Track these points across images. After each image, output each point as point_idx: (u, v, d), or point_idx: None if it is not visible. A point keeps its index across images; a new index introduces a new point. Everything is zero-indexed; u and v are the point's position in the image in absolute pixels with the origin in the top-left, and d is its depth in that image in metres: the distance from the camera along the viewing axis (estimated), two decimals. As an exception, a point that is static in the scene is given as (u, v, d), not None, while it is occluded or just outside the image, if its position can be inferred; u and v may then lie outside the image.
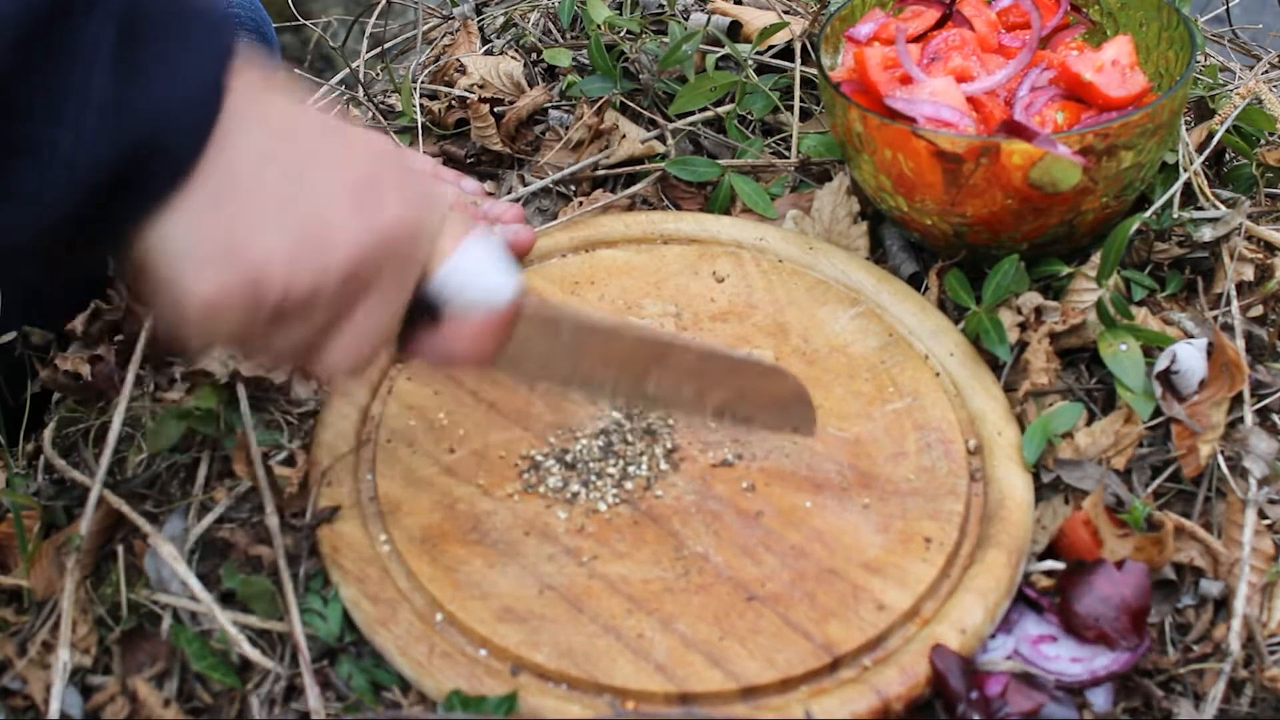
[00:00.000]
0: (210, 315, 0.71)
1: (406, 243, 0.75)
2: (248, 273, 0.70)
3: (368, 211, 0.72)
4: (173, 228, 0.69)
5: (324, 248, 0.71)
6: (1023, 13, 1.12)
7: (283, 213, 0.70)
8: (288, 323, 0.73)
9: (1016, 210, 0.97)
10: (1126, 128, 0.93)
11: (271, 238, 0.70)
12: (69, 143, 0.64)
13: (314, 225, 0.71)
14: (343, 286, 0.73)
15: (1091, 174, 0.94)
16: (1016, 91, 1.04)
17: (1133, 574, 0.84)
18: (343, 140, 0.75)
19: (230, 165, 0.69)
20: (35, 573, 0.87)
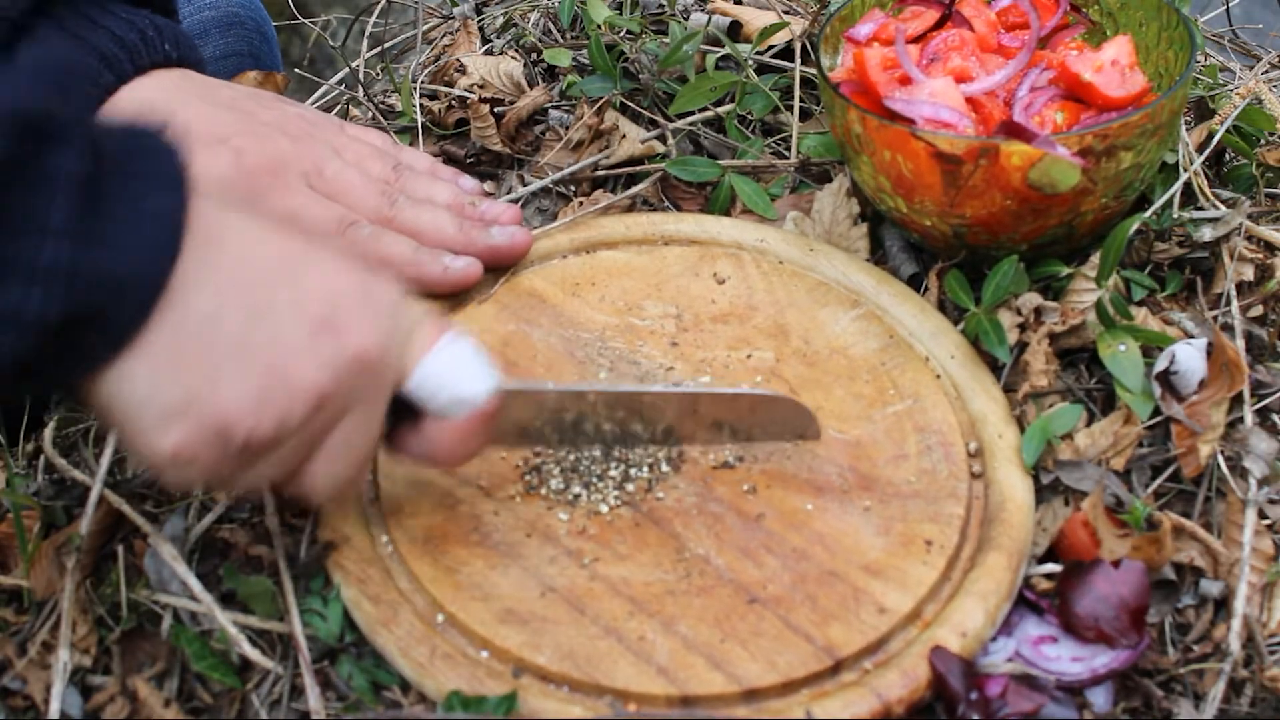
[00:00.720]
0: (179, 464, 0.72)
1: (372, 369, 0.76)
2: (211, 422, 0.71)
3: (328, 347, 0.73)
4: (130, 377, 0.69)
5: (286, 390, 0.72)
6: (1022, 13, 1.11)
7: (241, 359, 0.71)
8: (259, 460, 0.74)
9: (1016, 211, 0.97)
10: (1126, 128, 0.93)
11: (232, 385, 0.71)
12: (16, 301, 0.64)
13: (274, 369, 0.72)
14: (310, 421, 0.73)
15: (1090, 175, 0.94)
16: (1016, 92, 1.04)
17: (1130, 572, 0.84)
18: (301, 273, 0.75)
19: (185, 315, 0.70)
20: (35, 573, 0.87)
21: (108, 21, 0.98)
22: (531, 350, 0.99)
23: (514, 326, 1.01)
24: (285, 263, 0.75)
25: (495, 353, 0.98)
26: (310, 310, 0.73)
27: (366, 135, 1.07)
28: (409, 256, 0.99)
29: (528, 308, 1.02)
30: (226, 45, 1.26)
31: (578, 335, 1.00)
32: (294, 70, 1.35)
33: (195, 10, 1.23)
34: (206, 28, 1.24)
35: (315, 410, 0.73)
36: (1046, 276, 1.01)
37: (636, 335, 1.00)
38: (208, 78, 1.04)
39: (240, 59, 1.27)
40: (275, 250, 0.75)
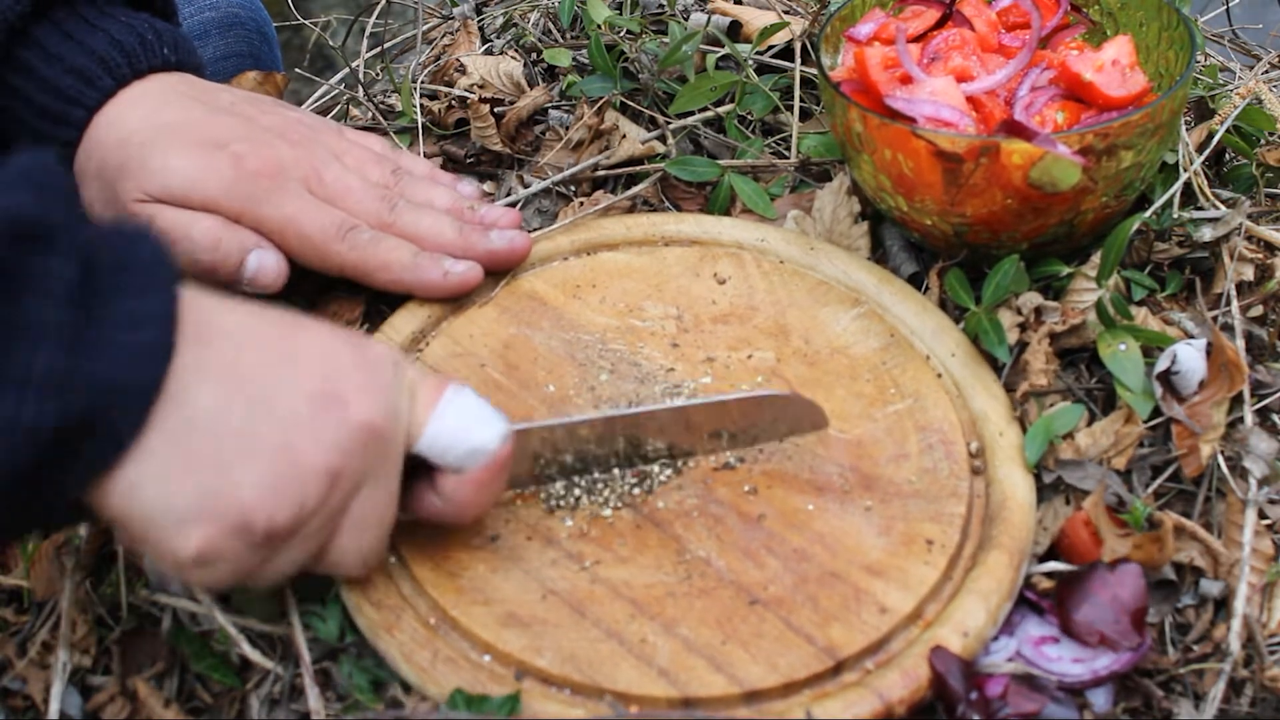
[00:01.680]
0: (205, 565, 0.71)
1: (380, 437, 0.76)
2: (231, 518, 0.70)
3: (332, 424, 0.73)
4: (138, 483, 0.69)
5: (298, 473, 0.72)
6: (1023, 13, 1.11)
7: (249, 449, 0.71)
8: (284, 547, 0.74)
9: (1016, 210, 0.97)
10: (1127, 127, 0.93)
11: (244, 477, 0.70)
12: (9, 410, 0.63)
13: (283, 453, 0.71)
14: (328, 500, 0.73)
15: (1091, 174, 0.94)
16: (1016, 91, 1.04)
17: (1128, 575, 0.84)
18: (296, 350, 0.75)
19: (186, 414, 0.69)
20: (35, 573, 0.87)
21: (106, 24, 0.98)
22: (533, 353, 0.99)
23: (515, 330, 1.01)
24: (279, 343, 0.75)
25: (497, 356, 0.98)
26: (310, 387, 0.73)
27: (366, 140, 1.07)
28: (409, 261, 0.99)
29: (528, 310, 1.02)
30: (227, 46, 1.26)
31: (579, 337, 1.00)
32: (294, 70, 1.35)
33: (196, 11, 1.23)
34: (207, 28, 1.24)
35: (330, 488, 0.73)
36: (1047, 276, 1.01)
37: (637, 337, 1.00)
38: (207, 82, 1.04)
39: (241, 59, 1.27)
40: (268, 331, 0.75)
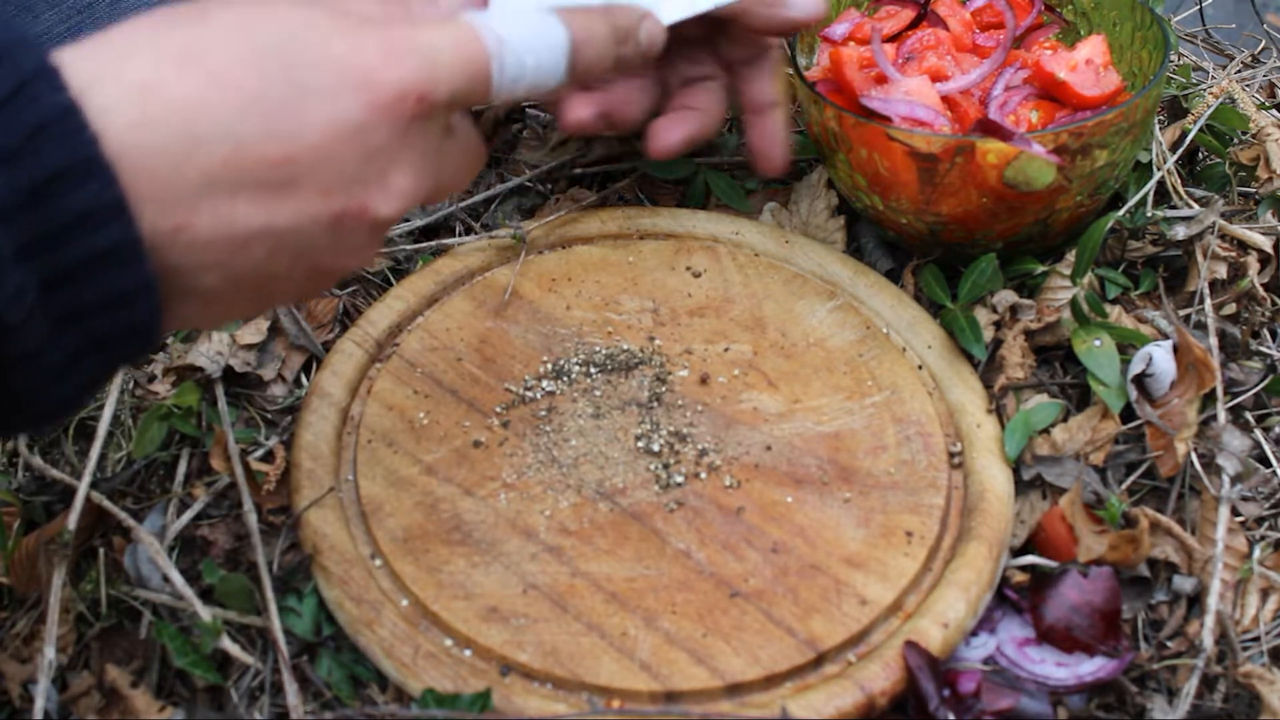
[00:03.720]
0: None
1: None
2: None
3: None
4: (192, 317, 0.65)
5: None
6: (997, 12, 1.12)
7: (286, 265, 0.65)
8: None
9: (991, 209, 0.97)
10: (1100, 126, 0.94)
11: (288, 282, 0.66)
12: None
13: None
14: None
15: (1066, 172, 0.95)
16: (991, 91, 1.05)
17: (1100, 579, 0.85)
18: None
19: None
20: (16, 570, 0.87)
21: None
22: (510, 347, 0.99)
23: (491, 324, 1.01)
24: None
25: (473, 349, 0.98)
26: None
27: None
28: None
29: (504, 304, 1.02)
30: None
31: (555, 331, 1.00)
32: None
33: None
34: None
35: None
36: (1022, 274, 1.02)
37: (614, 330, 1.00)
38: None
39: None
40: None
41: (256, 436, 0.94)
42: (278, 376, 0.98)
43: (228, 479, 0.91)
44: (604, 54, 0.75)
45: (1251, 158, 1.10)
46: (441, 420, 0.94)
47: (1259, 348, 1.00)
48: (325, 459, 0.91)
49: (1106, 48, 1.04)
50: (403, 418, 0.94)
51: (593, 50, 0.74)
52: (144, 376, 0.97)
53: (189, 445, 0.94)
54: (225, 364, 0.96)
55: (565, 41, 0.72)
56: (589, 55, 0.74)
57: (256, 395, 0.97)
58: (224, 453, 0.91)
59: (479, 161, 0.74)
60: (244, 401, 0.97)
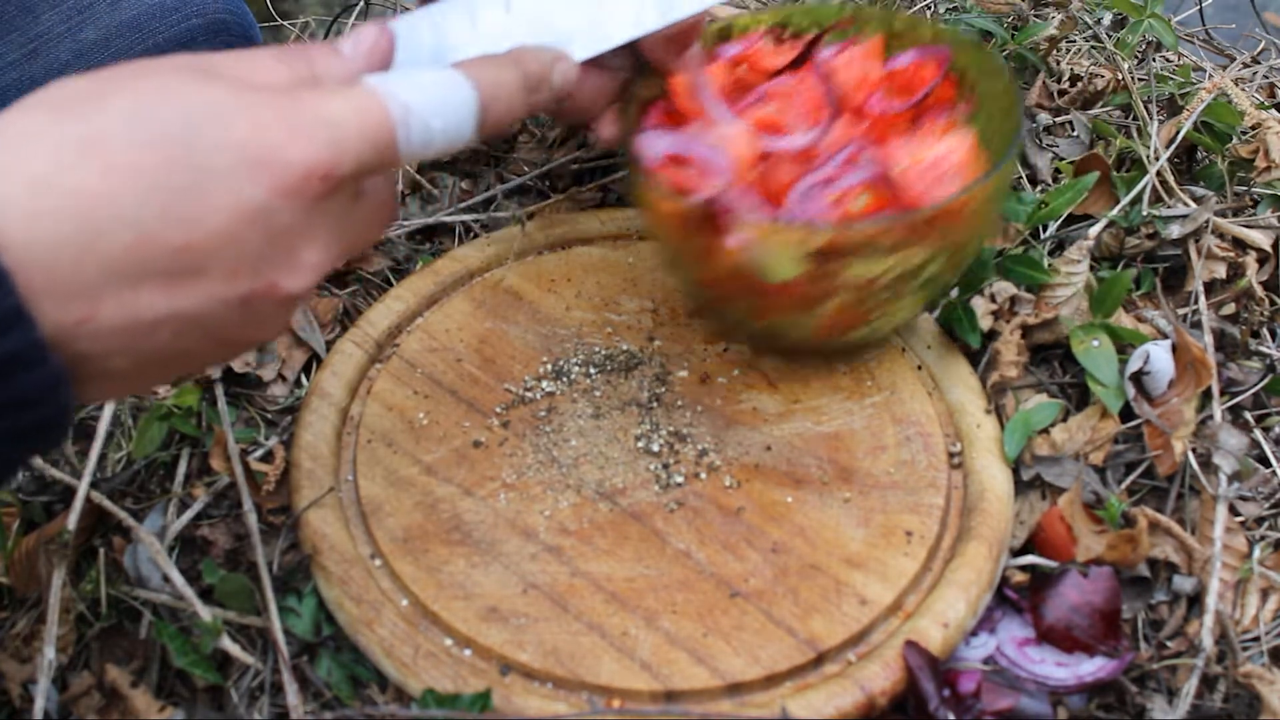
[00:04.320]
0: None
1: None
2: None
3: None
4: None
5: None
6: (907, 78, 0.97)
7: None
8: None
9: (737, 284, 0.88)
10: (848, 238, 0.82)
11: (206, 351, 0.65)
12: None
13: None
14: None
15: (815, 276, 0.84)
16: (828, 161, 0.92)
17: (1100, 579, 0.85)
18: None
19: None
20: (15, 570, 0.87)
21: None
22: (509, 348, 0.99)
23: (491, 324, 1.01)
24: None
25: (473, 350, 0.98)
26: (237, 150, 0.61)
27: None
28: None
29: (504, 305, 1.02)
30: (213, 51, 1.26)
31: (554, 331, 1.00)
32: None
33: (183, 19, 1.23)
34: (194, 36, 1.23)
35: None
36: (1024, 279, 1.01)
37: (614, 330, 1.00)
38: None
39: (226, 64, 1.27)
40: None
41: (256, 436, 0.94)
42: (278, 377, 0.98)
43: (228, 479, 0.91)
44: (515, 106, 0.72)
45: (1250, 152, 1.10)
46: (441, 420, 0.94)
47: (1258, 347, 1.00)
48: (325, 459, 0.91)
49: (971, 152, 0.91)
50: (402, 418, 0.94)
51: (502, 105, 0.71)
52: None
53: (189, 445, 0.94)
54: (225, 364, 0.96)
55: (473, 101, 0.69)
56: (499, 110, 0.71)
57: (256, 395, 0.97)
58: (224, 453, 0.91)
59: (391, 214, 0.72)
60: (244, 401, 0.97)
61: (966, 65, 0.96)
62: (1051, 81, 1.24)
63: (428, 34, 0.76)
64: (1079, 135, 1.18)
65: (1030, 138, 1.17)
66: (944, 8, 1.34)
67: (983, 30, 1.26)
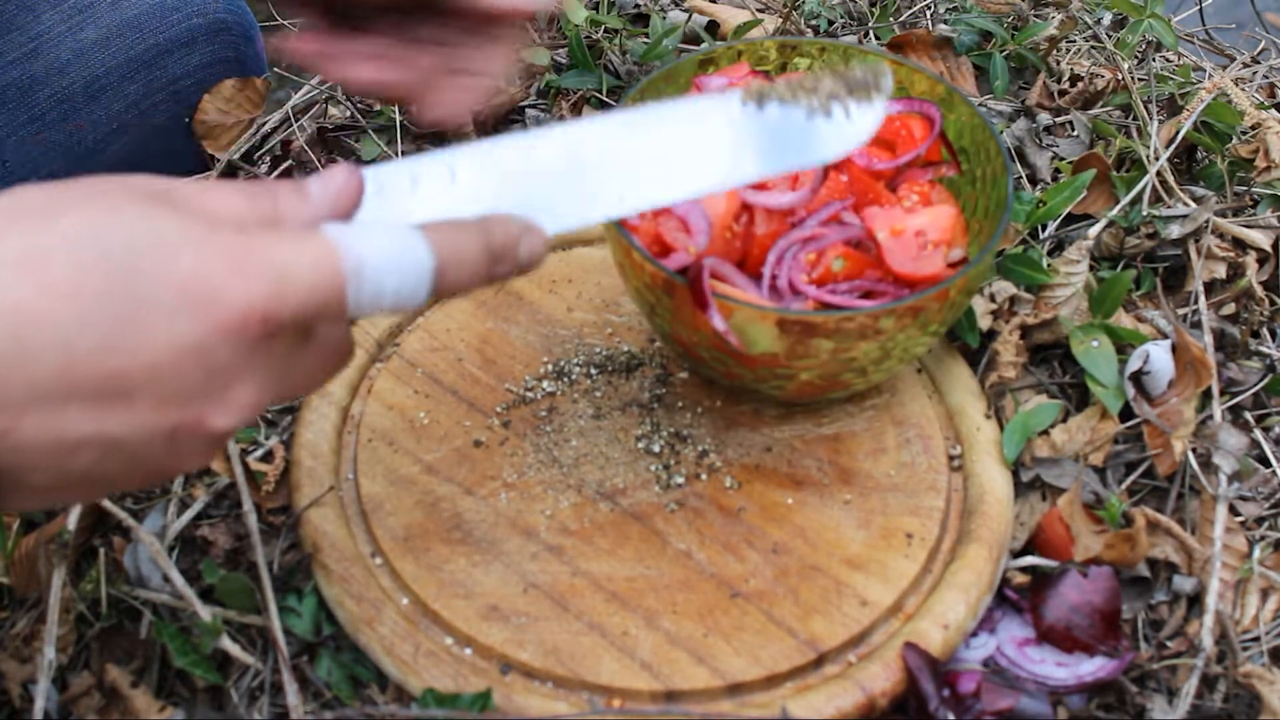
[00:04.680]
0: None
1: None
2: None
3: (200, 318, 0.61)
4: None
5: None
6: (894, 131, 0.96)
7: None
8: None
9: (713, 348, 0.86)
10: (824, 323, 0.82)
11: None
12: None
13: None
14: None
15: (788, 352, 0.84)
16: (804, 222, 0.90)
17: (1100, 579, 0.85)
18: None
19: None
20: (15, 570, 0.87)
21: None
22: (510, 348, 0.99)
23: (492, 324, 1.01)
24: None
25: (474, 350, 0.98)
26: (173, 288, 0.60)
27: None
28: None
29: (505, 305, 1.02)
30: (214, 53, 1.26)
31: (555, 332, 1.00)
32: (273, 71, 1.35)
33: (184, 19, 1.23)
34: (195, 36, 1.24)
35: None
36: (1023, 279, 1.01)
37: (614, 331, 1.00)
38: None
39: (227, 65, 1.26)
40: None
41: (256, 436, 0.94)
42: (278, 376, 0.98)
43: (228, 479, 0.91)
44: (474, 275, 0.68)
45: (1250, 152, 1.10)
46: (442, 420, 0.94)
47: (1258, 347, 1.00)
48: (325, 457, 0.91)
49: (955, 224, 0.91)
50: (403, 417, 0.94)
51: (461, 273, 0.68)
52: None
53: (189, 445, 0.93)
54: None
55: (429, 266, 0.66)
56: (456, 278, 0.67)
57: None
58: (224, 453, 0.91)
59: (343, 360, 0.69)
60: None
61: (956, 124, 0.95)
62: (1051, 81, 1.24)
63: (404, 184, 0.73)
64: (1079, 135, 1.18)
65: (1030, 137, 1.16)
66: (944, 8, 1.34)
67: (983, 30, 1.26)
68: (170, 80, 1.22)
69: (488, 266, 0.69)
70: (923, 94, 0.96)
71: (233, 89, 1.22)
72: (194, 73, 1.23)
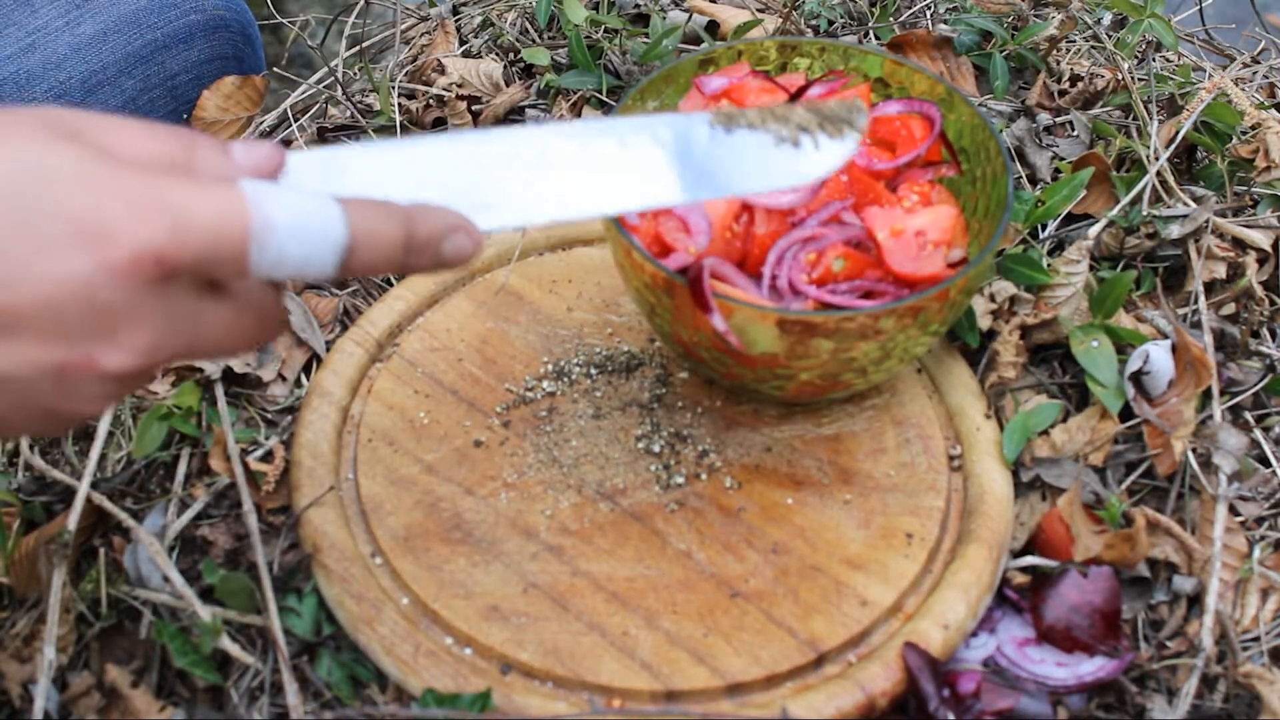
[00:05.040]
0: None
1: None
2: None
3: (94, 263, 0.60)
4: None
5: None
6: (894, 130, 0.96)
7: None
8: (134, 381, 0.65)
9: (715, 348, 0.86)
10: (824, 323, 0.82)
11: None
12: None
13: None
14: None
15: (788, 352, 0.84)
16: (804, 222, 0.90)
17: (1100, 579, 0.85)
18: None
19: None
20: (15, 570, 0.87)
21: None
22: (510, 348, 0.99)
23: (492, 324, 1.01)
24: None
25: (474, 350, 0.98)
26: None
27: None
28: None
29: (505, 305, 1.02)
30: (212, 49, 1.26)
31: (555, 332, 1.00)
32: (273, 70, 1.35)
33: (181, 15, 1.23)
34: (193, 32, 1.24)
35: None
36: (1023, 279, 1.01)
37: (614, 331, 1.00)
38: None
39: (225, 62, 1.27)
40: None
41: (256, 436, 0.94)
42: (278, 376, 0.98)
43: (228, 479, 0.91)
44: (388, 259, 0.66)
45: (1250, 152, 1.10)
46: (442, 420, 0.94)
47: (1258, 347, 1.00)
48: (326, 457, 0.91)
49: (955, 224, 0.91)
50: (403, 417, 0.94)
51: (374, 254, 0.65)
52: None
53: (189, 445, 0.94)
54: (225, 364, 0.96)
55: (340, 241, 0.64)
56: (365, 259, 0.65)
57: (256, 395, 0.97)
58: (224, 453, 0.91)
59: (267, 325, 0.67)
60: (244, 401, 0.97)
61: (956, 124, 0.95)
62: (1051, 81, 1.24)
63: (343, 164, 0.69)
64: (1079, 135, 1.18)
65: (1030, 137, 1.16)
66: (944, 8, 1.34)
67: (983, 30, 1.26)
68: (168, 76, 1.22)
69: (403, 254, 0.67)
70: (923, 94, 0.96)
71: (232, 86, 1.22)
72: (191, 69, 1.23)
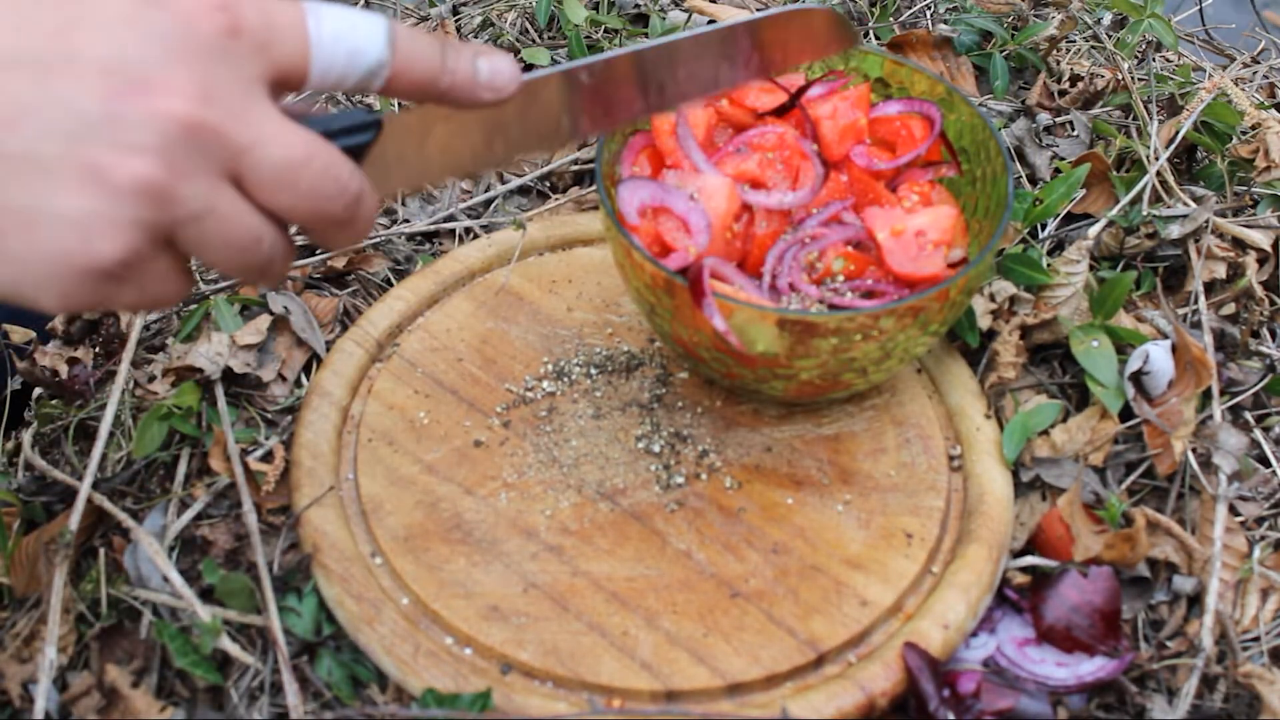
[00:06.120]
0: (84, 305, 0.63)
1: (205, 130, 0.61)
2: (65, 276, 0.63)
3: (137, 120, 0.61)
4: None
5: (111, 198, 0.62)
6: (895, 131, 0.96)
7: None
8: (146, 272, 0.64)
9: (714, 348, 0.86)
10: (824, 323, 0.81)
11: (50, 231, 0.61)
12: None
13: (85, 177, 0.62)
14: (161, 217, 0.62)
15: (788, 351, 0.84)
16: (804, 221, 0.91)
17: (1100, 579, 0.85)
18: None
19: None
20: (16, 570, 0.87)
21: None
22: (510, 348, 0.99)
23: (492, 324, 1.01)
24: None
25: (474, 350, 0.98)
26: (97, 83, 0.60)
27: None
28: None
29: (505, 305, 1.02)
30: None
31: (555, 332, 1.00)
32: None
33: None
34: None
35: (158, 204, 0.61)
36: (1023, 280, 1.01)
37: (614, 331, 1.00)
38: None
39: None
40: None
41: (256, 436, 0.94)
42: (277, 376, 0.98)
43: (228, 479, 0.91)
44: (425, 69, 0.68)
45: (1250, 152, 1.10)
46: (442, 420, 0.94)
47: (1258, 347, 1.00)
48: (326, 457, 0.91)
49: (954, 225, 0.91)
50: (403, 417, 0.94)
51: (411, 64, 0.67)
52: (144, 377, 0.97)
53: (189, 445, 0.94)
54: (225, 365, 0.96)
55: (383, 39, 0.66)
56: (406, 65, 0.67)
57: (256, 395, 0.97)
58: (224, 453, 0.91)
59: (178, 289, 0.65)
60: (244, 401, 0.97)
61: (956, 124, 0.95)
62: (1051, 81, 1.24)
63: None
64: (1079, 135, 1.18)
65: (1030, 137, 1.17)
66: (944, 7, 1.34)
67: (983, 30, 1.26)
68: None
69: (440, 64, 0.68)
70: (923, 94, 0.96)
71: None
72: None
